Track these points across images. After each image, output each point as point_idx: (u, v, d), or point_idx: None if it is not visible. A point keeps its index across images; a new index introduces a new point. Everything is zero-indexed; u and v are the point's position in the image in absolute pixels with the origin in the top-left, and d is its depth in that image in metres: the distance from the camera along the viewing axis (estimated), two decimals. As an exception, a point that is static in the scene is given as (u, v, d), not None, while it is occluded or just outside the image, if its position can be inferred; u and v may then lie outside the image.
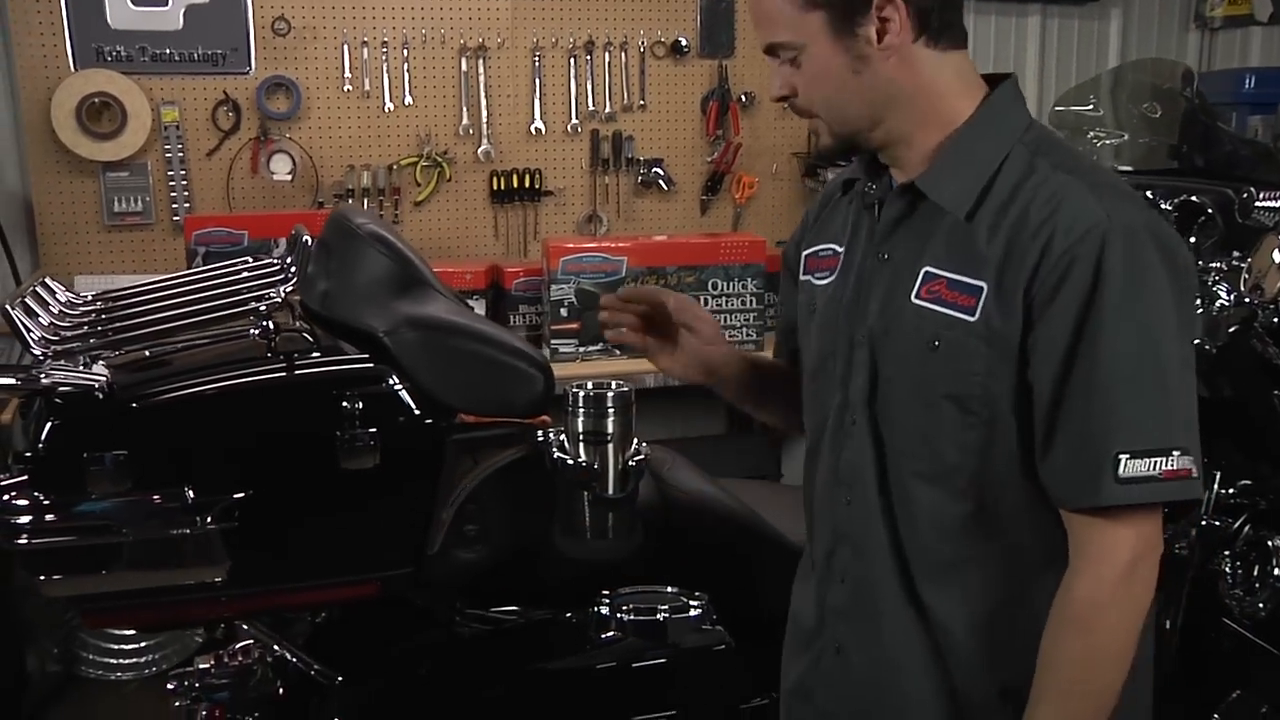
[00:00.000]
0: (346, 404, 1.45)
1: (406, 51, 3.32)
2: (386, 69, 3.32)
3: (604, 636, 1.64)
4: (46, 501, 1.36)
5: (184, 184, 3.20)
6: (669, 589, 1.70)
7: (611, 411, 1.51)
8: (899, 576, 1.24)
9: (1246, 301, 1.69)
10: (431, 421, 1.51)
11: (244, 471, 1.43)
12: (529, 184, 3.47)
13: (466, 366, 1.55)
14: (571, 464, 1.51)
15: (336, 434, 1.45)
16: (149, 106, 3.10)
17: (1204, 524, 1.79)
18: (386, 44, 3.30)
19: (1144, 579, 1.12)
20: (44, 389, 1.38)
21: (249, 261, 1.92)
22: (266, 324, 1.52)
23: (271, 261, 1.87)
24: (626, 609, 1.66)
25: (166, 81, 3.14)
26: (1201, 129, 2.24)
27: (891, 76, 1.17)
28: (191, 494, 1.40)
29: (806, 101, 1.21)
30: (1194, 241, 1.89)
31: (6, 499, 1.36)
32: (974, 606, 1.22)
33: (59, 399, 1.38)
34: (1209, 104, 2.35)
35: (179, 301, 1.72)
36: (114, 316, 1.67)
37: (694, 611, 1.67)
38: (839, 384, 1.27)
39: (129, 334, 1.58)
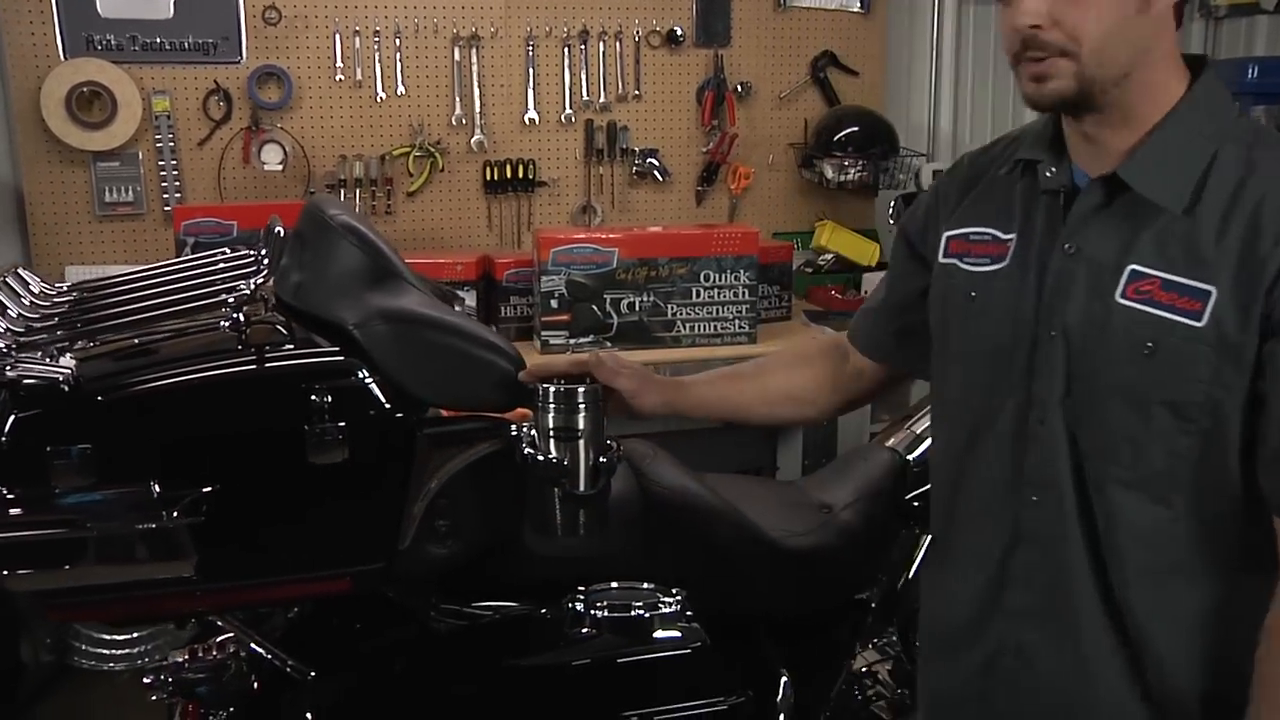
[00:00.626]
0: (315, 398, 1.43)
1: (399, 41, 3.30)
2: (379, 58, 3.30)
3: (577, 633, 1.63)
4: (10, 495, 1.35)
5: (175, 174, 3.19)
6: (644, 585, 1.68)
7: (582, 407, 1.48)
8: (1096, 579, 1.20)
9: None
10: (402, 416, 1.49)
11: (211, 466, 1.41)
12: (523, 174, 3.45)
13: (438, 360, 1.53)
14: (541, 460, 1.49)
15: (305, 428, 1.43)
16: (139, 96, 3.09)
17: None
18: (379, 33, 3.28)
19: None
20: (7, 382, 1.36)
21: (226, 253, 1.91)
22: (237, 316, 1.51)
23: (248, 253, 1.86)
24: (600, 605, 1.64)
25: (157, 71, 3.13)
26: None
27: (1156, 30, 1.12)
28: (158, 488, 1.38)
29: (1069, 31, 1.10)
30: None
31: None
32: (1175, 613, 1.18)
33: (23, 392, 1.36)
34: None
35: (152, 293, 1.71)
36: (86, 308, 1.66)
37: (669, 608, 1.66)
38: (1020, 381, 1.22)
39: (97, 326, 1.56)
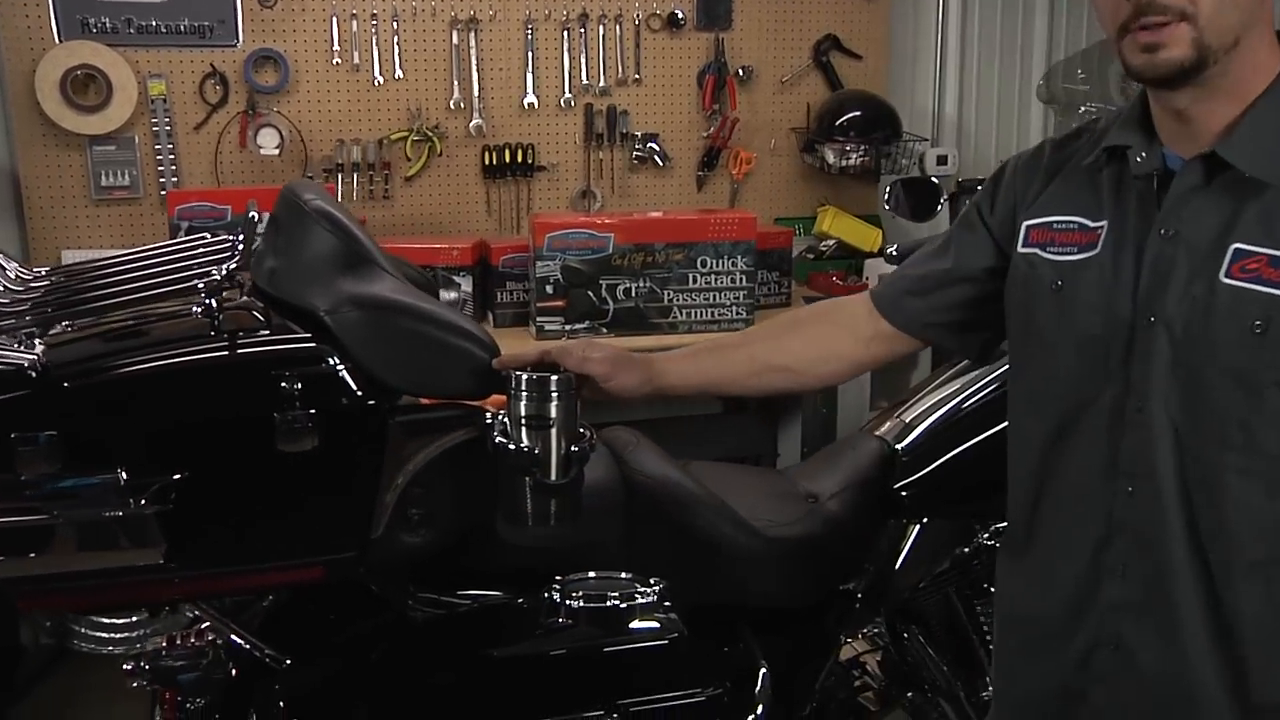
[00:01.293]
0: (285, 384, 1.42)
1: (396, 24, 3.27)
2: (376, 42, 3.27)
3: (553, 623, 1.61)
4: (-25, 482, 1.34)
5: (171, 158, 3.18)
6: (622, 575, 1.66)
7: (554, 396, 1.46)
8: (1196, 572, 1.16)
9: None
10: (374, 403, 1.47)
11: (179, 453, 1.40)
12: (521, 159, 3.43)
13: (411, 347, 1.51)
14: (513, 449, 1.47)
15: (274, 415, 1.41)
16: (135, 79, 3.07)
17: None
18: (376, 16, 3.26)
19: None
20: (-28, 367, 1.35)
21: (207, 238, 1.89)
22: (210, 302, 1.49)
23: (226, 238, 1.84)
24: (576, 595, 1.62)
25: (153, 54, 3.12)
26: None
27: None
28: (125, 475, 1.37)
29: None
30: None
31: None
32: None
33: None
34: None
35: (128, 279, 1.69)
36: (61, 293, 1.64)
37: (646, 598, 1.64)
38: (1117, 369, 1.19)
39: (70, 311, 1.55)
